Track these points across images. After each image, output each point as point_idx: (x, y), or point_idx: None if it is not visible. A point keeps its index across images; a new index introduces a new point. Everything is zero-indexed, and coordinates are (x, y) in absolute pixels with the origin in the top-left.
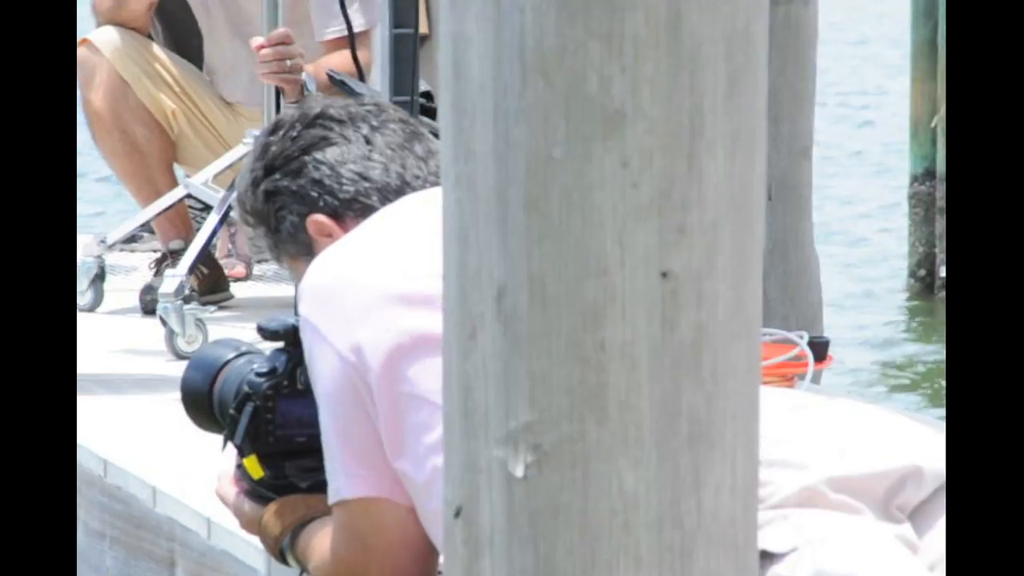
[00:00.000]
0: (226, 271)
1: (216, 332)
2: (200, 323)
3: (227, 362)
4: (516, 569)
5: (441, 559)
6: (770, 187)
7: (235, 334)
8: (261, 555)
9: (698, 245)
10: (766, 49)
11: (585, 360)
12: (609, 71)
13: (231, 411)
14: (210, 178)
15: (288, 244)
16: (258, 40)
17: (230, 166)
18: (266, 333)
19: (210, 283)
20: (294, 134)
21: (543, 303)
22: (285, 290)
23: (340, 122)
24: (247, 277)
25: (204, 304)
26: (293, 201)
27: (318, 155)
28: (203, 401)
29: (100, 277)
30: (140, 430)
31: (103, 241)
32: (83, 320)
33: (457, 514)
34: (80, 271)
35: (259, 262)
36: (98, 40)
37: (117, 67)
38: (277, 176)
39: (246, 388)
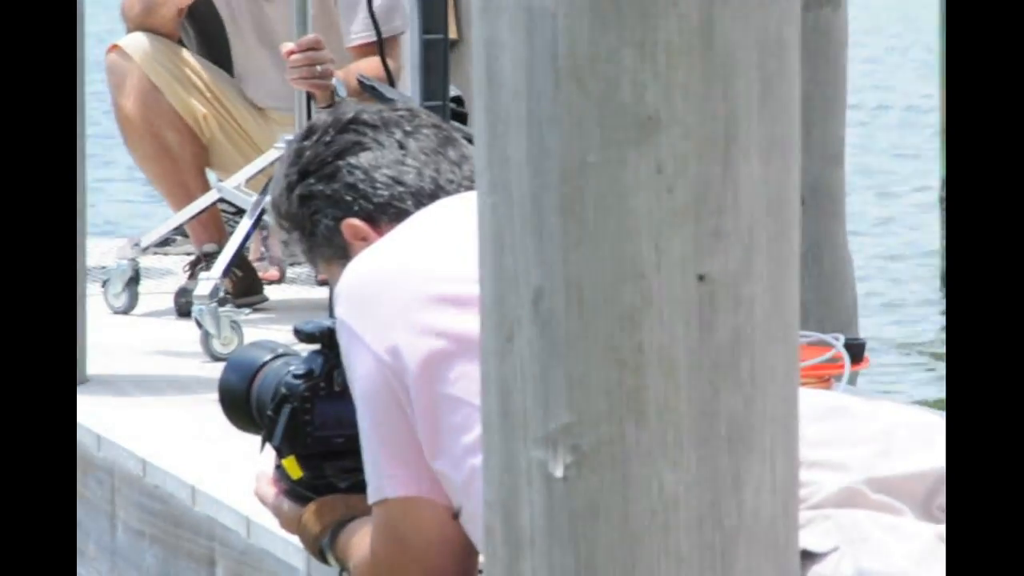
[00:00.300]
0: (259, 274)
1: (251, 334)
2: (235, 325)
3: (264, 364)
4: (557, 570)
5: (481, 559)
6: (803, 192)
7: (269, 336)
8: (301, 554)
9: (734, 249)
10: (798, 55)
11: (623, 363)
12: (642, 77)
13: (269, 412)
14: (243, 182)
15: (323, 248)
16: (288, 46)
17: (262, 170)
18: (302, 335)
19: (244, 286)
20: (328, 139)
21: (580, 306)
22: (318, 293)
23: (373, 127)
24: (280, 280)
25: (239, 306)
26: (328, 205)
27: (352, 160)
28: (241, 402)
29: (135, 280)
30: (177, 430)
31: (137, 244)
32: (118, 322)
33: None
34: (115, 274)
35: (292, 265)
36: (128, 46)
37: (148, 73)
38: (311, 181)
39: (283, 390)
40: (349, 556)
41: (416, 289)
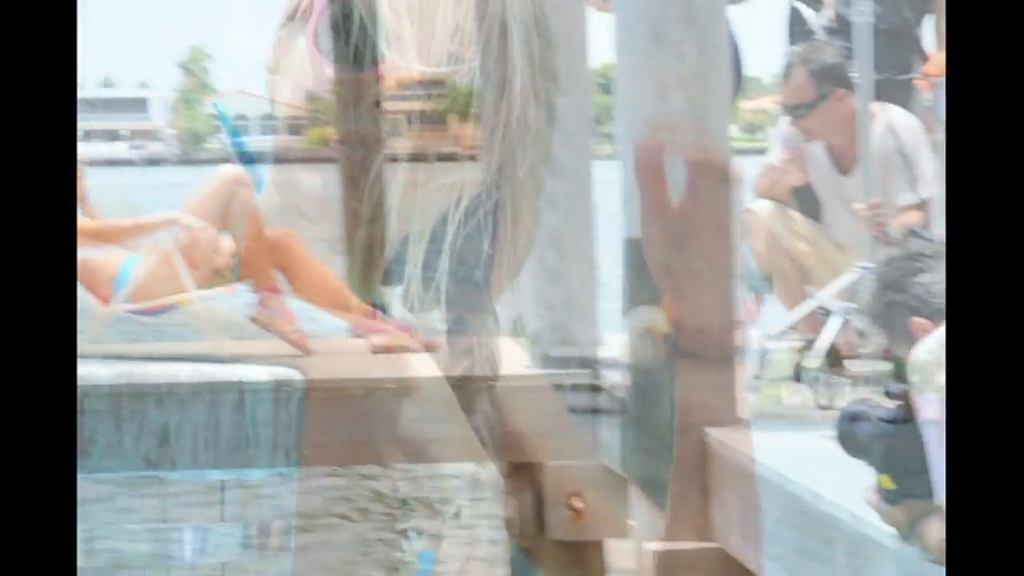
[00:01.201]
0: (840, 353)
1: (844, 393)
2: (833, 386)
3: (861, 413)
4: None
5: None
6: None
7: (856, 394)
8: (888, 537)
9: None
10: None
11: None
12: None
13: (867, 444)
14: (832, 294)
15: (896, 336)
16: (859, 205)
17: (845, 287)
18: (889, 394)
19: (834, 361)
20: (899, 264)
21: None
22: (882, 365)
23: (928, 257)
24: (857, 356)
25: (833, 374)
26: (902, 309)
27: (916, 278)
28: (849, 439)
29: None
30: (794, 455)
31: (765, 335)
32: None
33: None
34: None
35: (862, 347)
36: (756, 209)
37: (769, 226)
38: (890, 293)
39: (877, 430)
40: (931, 540)
41: None
